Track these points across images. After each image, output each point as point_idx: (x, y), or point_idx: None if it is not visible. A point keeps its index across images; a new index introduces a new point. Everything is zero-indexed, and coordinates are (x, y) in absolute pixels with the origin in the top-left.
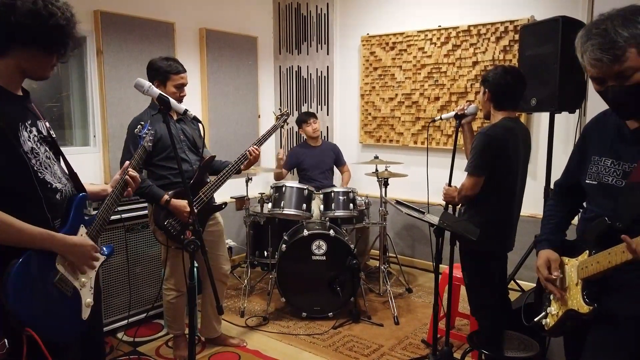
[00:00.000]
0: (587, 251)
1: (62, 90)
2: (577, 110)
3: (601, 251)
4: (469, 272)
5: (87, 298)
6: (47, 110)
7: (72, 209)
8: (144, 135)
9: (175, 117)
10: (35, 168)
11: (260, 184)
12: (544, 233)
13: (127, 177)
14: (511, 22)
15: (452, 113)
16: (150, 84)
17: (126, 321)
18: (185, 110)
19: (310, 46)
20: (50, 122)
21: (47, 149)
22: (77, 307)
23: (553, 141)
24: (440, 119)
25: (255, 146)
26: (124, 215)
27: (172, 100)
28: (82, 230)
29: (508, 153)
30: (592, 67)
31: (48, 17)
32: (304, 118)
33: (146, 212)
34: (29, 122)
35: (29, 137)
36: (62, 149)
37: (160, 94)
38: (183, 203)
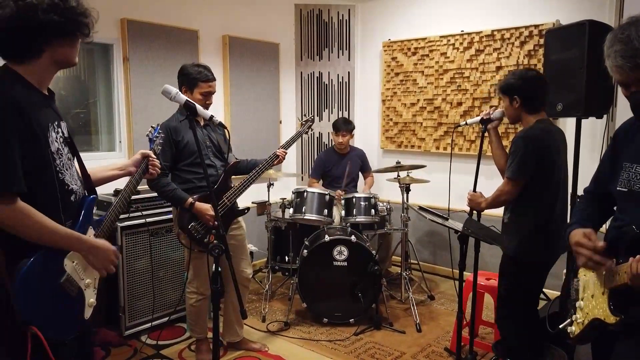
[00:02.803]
0: (615, 260)
1: (89, 97)
2: (605, 116)
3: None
4: (510, 280)
5: (91, 298)
6: (74, 116)
7: (83, 211)
8: (154, 139)
9: (202, 123)
10: (58, 169)
11: (281, 189)
12: (574, 219)
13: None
14: (536, 26)
15: (478, 118)
16: (178, 90)
17: (150, 324)
18: (211, 117)
19: (332, 52)
20: (77, 128)
21: (68, 149)
22: (80, 306)
23: (580, 147)
24: (466, 124)
25: (282, 149)
26: (148, 220)
27: (199, 107)
28: (91, 231)
29: (549, 154)
30: (615, 73)
31: (62, 3)
32: (338, 127)
33: (170, 216)
34: (56, 123)
35: (56, 137)
36: (89, 154)
37: (187, 100)
38: (207, 206)
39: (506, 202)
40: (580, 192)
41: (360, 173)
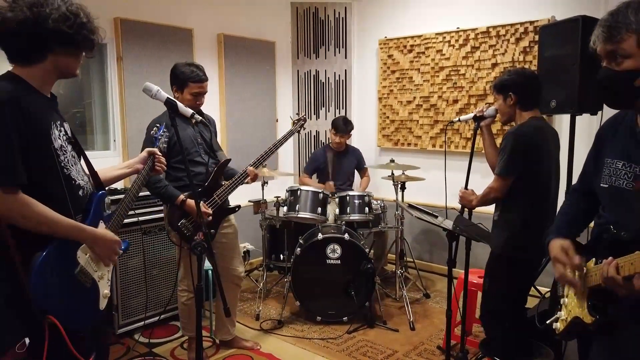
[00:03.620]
0: (594, 259)
1: (84, 97)
2: (600, 112)
3: None
4: (495, 278)
5: (105, 289)
6: (71, 116)
7: (93, 205)
8: (159, 137)
9: (193, 121)
10: (63, 164)
11: (277, 187)
12: (554, 227)
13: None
14: (531, 22)
15: (471, 115)
16: (159, 88)
17: (143, 323)
18: (192, 114)
19: (328, 50)
20: (74, 128)
21: (71, 148)
22: (95, 297)
23: (574, 144)
24: (459, 120)
25: (251, 167)
26: (141, 218)
27: (180, 104)
28: (102, 226)
29: (540, 152)
30: (594, 44)
31: (74, 18)
32: (338, 127)
33: (163, 213)
34: (59, 122)
35: (59, 135)
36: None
37: (167, 97)
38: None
39: (496, 200)
40: None
41: (357, 171)
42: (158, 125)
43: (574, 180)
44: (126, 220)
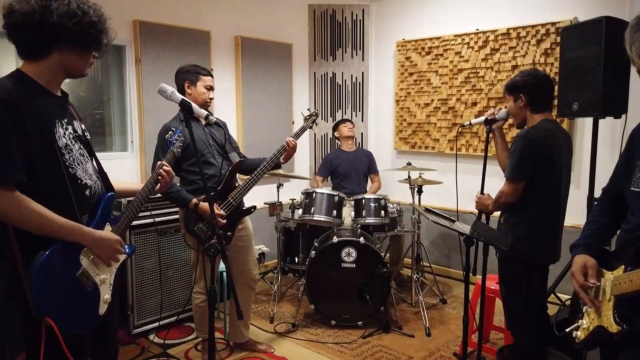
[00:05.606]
0: (623, 266)
1: (103, 99)
2: (624, 116)
3: (637, 269)
4: (508, 283)
5: (106, 294)
6: (90, 118)
7: (100, 207)
8: (173, 142)
9: (203, 122)
10: (67, 163)
11: (292, 190)
12: (582, 237)
13: (161, 170)
14: (553, 24)
15: (482, 118)
16: (174, 89)
17: (158, 323)
18: (208, 115)
19: (345, 52)
20: (93, 129)
21: (81, 146)
22: (95, 301)
23: (597, 148)
24: (470, 124)
25: (292, 138)
26: (157, 219)
27: (195, 105)
28: (108, 228)
29: (550, 156)
30: (630, 50)
31: (82, 15)
32: (341, 120)
33: (178, 216)
34: (65, 120)
35: (64, 133)
36: (103, 154)
37: (182, 99)
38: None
39: (507, 204)
40: (597, 192)
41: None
42: (173, 129)
43: (597, 185)
44: (142, 221)
